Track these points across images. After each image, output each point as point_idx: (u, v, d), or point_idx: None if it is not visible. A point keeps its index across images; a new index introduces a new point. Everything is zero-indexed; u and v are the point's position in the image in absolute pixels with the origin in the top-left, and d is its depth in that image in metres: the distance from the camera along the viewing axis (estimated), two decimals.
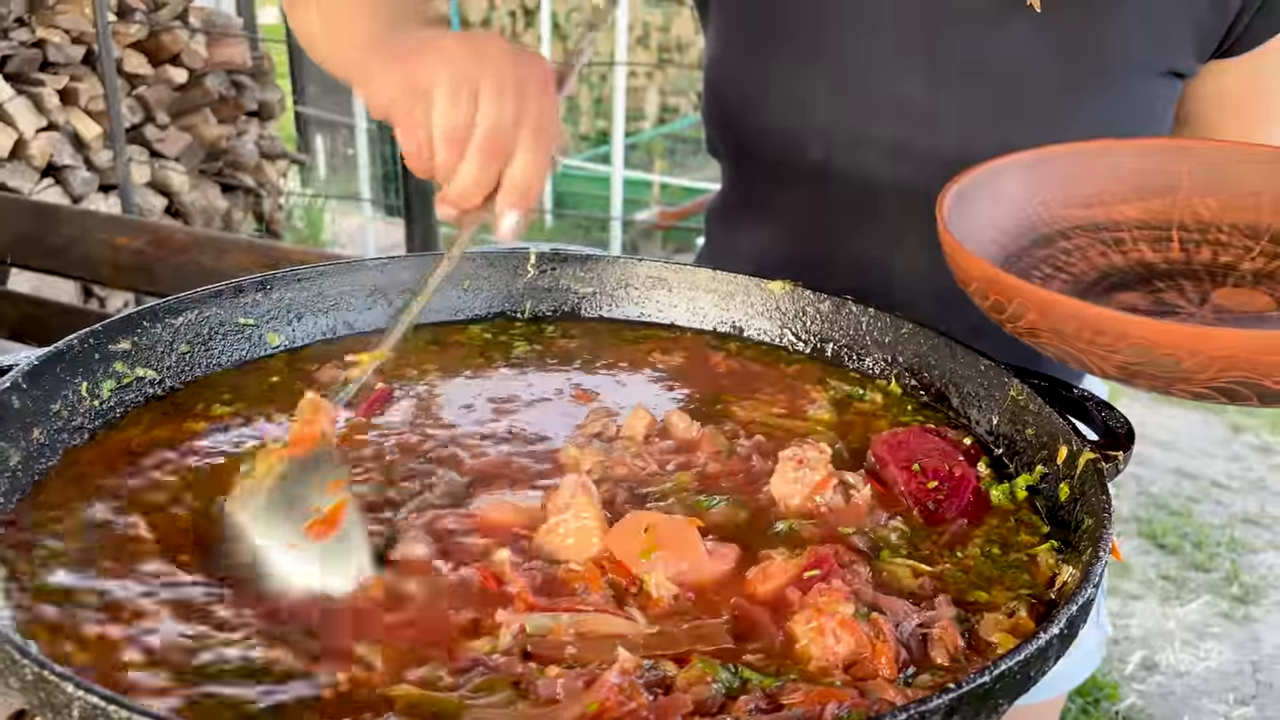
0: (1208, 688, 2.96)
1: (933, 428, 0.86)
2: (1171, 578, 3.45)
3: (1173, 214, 0.96)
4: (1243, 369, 0.69)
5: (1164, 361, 0.71)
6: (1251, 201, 0.93)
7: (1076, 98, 1.04)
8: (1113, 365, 0.74)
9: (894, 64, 1.06)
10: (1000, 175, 0.94)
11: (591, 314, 1.16)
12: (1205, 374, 0.70)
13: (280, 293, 1.04)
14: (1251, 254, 0.93)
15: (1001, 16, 1.02)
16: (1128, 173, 0.97)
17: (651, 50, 8.99)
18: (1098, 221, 0.97)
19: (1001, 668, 0.55)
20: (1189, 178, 0.96)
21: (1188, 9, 1.02)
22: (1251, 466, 4.19)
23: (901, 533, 0.77)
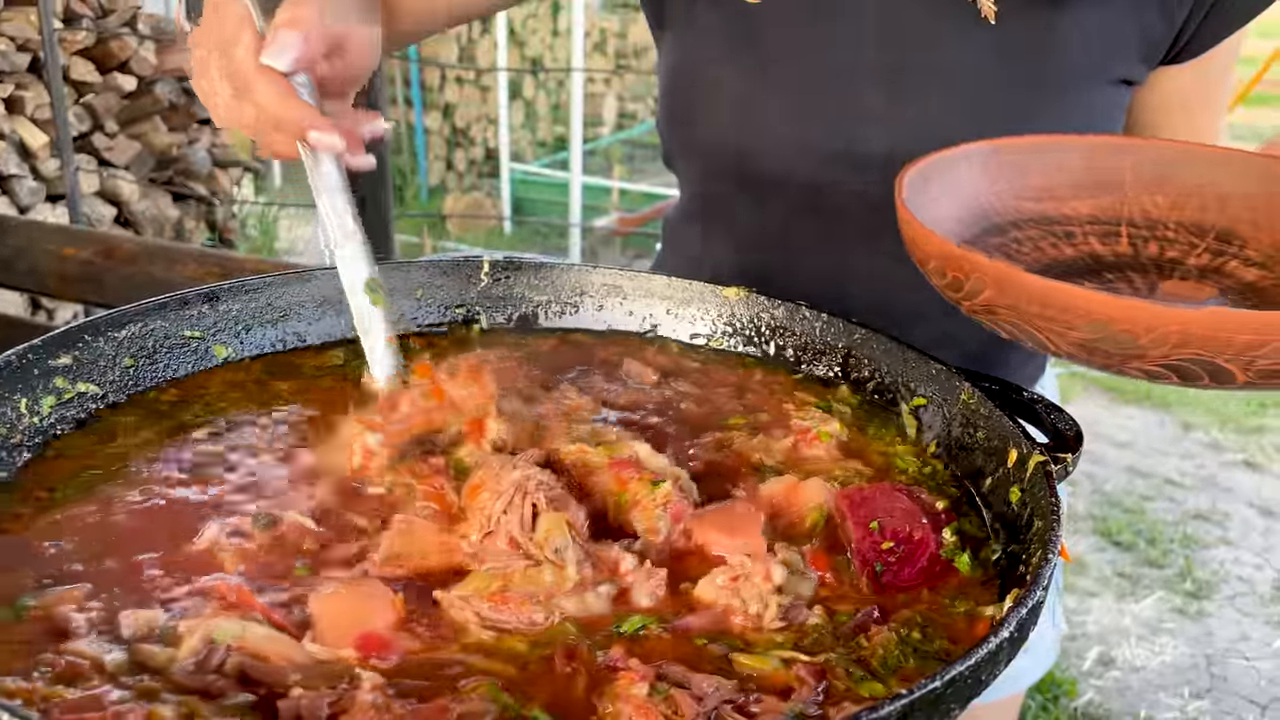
0: (1163, 682, 3.00)
1: (904, 487, 0.83)
2: (1126, 574, 3.50)
3: (1122, 210, 0.98)
4: (1196, 345, 0.70)
5: (1121, 338, 0.71)
6: (1196, 200, 0.96)
7: (1030, 106, 1.06)
8: (1069, 342, 0.74)
9: (850, 74, 1.07)
10: (955, 164, 0.95)
11: (548, 322, 1.16)
12: (1160, 350, 0.71)
13: (228, 304, 1.03)
14: (1197, 250, 0.95)
15: (957, 27, 1.04)
16: (1075, 168, 0.99)
17: (609, 56, 9.00)
18: (1049, 215, 0.99)
19: (952, 672, 0.55)
20: (1132, 174, 0.98)
21: (1135, 19, 1.04)
22: (1203, 464, 4.27)
23: (814, 627, 0.70)
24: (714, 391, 1.03)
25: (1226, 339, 0.69)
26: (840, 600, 0.74)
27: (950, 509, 0.82)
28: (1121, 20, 1.04)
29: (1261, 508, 3.94)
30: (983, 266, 0.75)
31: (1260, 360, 0.69)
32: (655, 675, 0.62)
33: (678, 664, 0.65)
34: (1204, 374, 0.72)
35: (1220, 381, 0.73)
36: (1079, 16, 1.03)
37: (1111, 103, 1.09)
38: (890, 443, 0.95)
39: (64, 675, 0.60)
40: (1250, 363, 0.70)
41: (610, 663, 0.64)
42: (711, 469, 0.89)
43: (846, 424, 0.96)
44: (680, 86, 1.17)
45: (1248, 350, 0.69)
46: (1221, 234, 0.95)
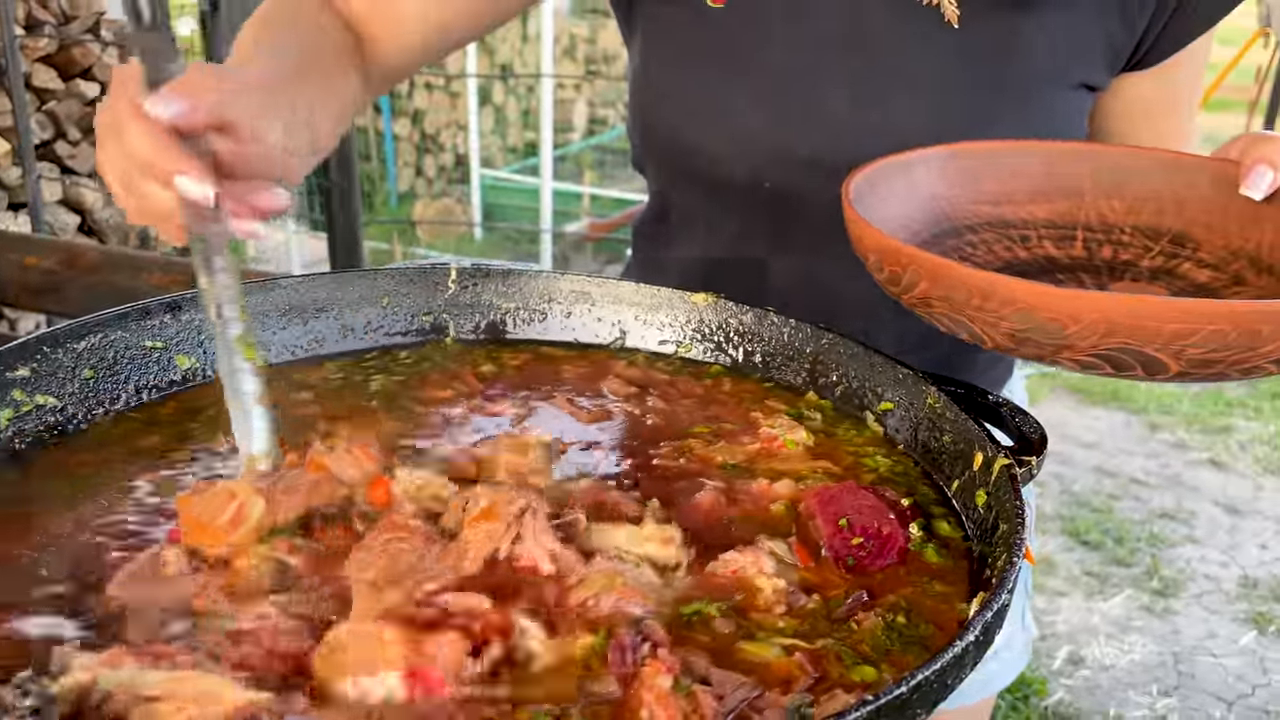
0: (1132, 680, 3.04)
1: (869, 485, 0.85)
2: (1095, 573, 3.54)
3: (1079, 215, 0.99)
4: (1123, 334, 0.70)
5: (1049, 327, 0.72)
6: (1153, 205, 0.97)
7: (992, 109, 1.06)
8: (1001, 333, 0.75)
9: (816, 79, 1.08)
10: (910, 168, 0.96)
11: (516, 330, 1.15)
12: (1088, 340, 0.71)
13: (190, 314, 1.01)
14: (1151, 253, 0.96)
15: (920, 31, 1.04)
16: (1034, 174, 1.00)
17: (579, 62, 9.00)
18: (1006, 219, 1.00)
19: (918, 678, 0.55)
20: (1091, 180, 0.99)
21: (1098, 26, 1.05)
22: (1168, 463, 4.32)
23: (810, 610, 0.73)
24: (680, 402, 1.03)
25: (1155, 328, 0.69)
26: (827, 587, 0.76)
27: (915, 505, 0.85)
28: (1084, 26, 1.05)
29: (1227, 506, 4.00)
30: (917, 259, 0.76)
31: (1191, 349, 0.70)
32: (681, 667, 0.63)
33: (705, 655, 0.66)
34: (1136, 364, 0.72)
35: (1153, 372, 0.73)
36: (1042, 21, 1.04)
37: (1074, 107, 1.10)
38: (860, 444, 0.96)
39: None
40: (1180, 351, 0.70)
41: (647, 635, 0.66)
42: (676, 474, 0.89)
43: (816, 430, 0.97)
44: (649, 90, 1.18)
45: (1176, 339, 0.69)
46: (1176, 237, 0.96)
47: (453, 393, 1.02)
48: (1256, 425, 4.67)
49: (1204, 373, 0.72)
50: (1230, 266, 0.92)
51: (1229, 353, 0.70)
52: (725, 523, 0.82)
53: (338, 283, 1.11)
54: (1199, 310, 0.68)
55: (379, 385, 1.03)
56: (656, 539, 0.75)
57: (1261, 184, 0.88)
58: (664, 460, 0.91)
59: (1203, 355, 0.70)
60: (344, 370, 1.06)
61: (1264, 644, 3.20)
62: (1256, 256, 0.90)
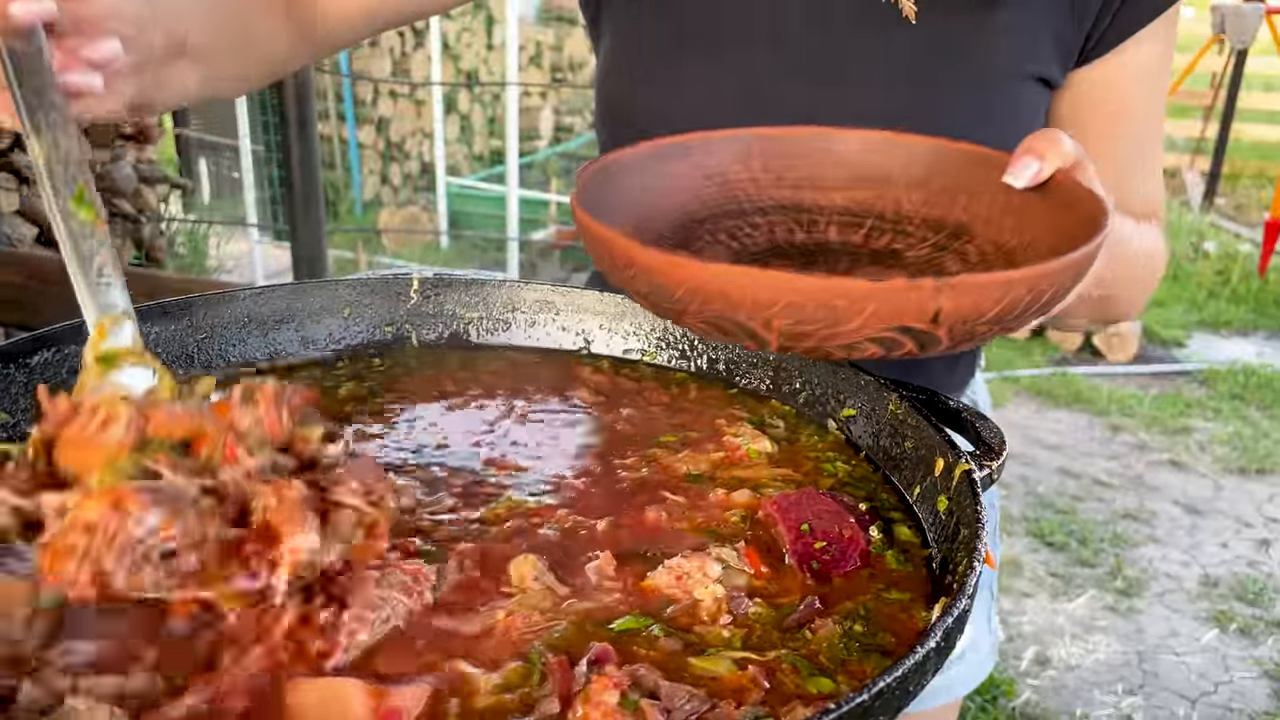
0: (1098, 679, 3.07)
1: (827, 491, 0.86)
2: (1060, 574, 3.58)
3: (877, 204, 0.98)
4: (719, 303, 0.71)
5: (662, 290, 0.73)
6: (949, 197, 0.95)
7: (951, 101, 1.08)
8: (698, 320, 0.75)
9: (780, 73, 1.09)
10: (712, 146, 0.97)
11: (479, 339, 1.15)
12: (694, 306, 0.72)
13: (146, 326, 1.00)
14: (925, 244, 0.95)
15: (878, 26, 1.06)
16: (846, 161, 0.99)
17: (544, 70, 8.99)
18: (803, 203, 0.99)
19: (880, 685, 0.55)
20: (902, 169, 0.98)
21: (1048, 22, 1.08)
22: (1130, 464, 4.38)
23: (755, 616, 0.73)
24: (647, 410, 1.03)
25: (740, 296, 0.69)
26: (780, 595, 0.76)
27: (873, 509, 0.85)
28: (1037, 22, 1.07)
29: (1187, 506, 4.06)
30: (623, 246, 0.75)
31: (776, 319, 0.70)
32: (629, 682, 0.62)
33: (655, 669, 0.65)
34: (741, 334, 0.73)
35: (760, 344, 0.73)
36: (997, 17, 1.06)
37: (1029, 101, 1.11)
38: (821, 450, 0.97)
39: None
40: (769, 322, 0.70)
41: (596, 657, 0.65)
42: (638, 484, 0.89)
43: (778, 438, 0.97)
44: (614, 88, 1.19)
45: (760, 309, 0.69)
46: (956, 230, 0.95)
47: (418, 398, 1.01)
48: (1215, 426, 4.75)
49: (803, 345, 0.72)
50: (985, 262, 0.91)
51: (815, 326, 0.70)
52: (676, 532, 0.82)
53: (300, 292, 1.10)
54: (777, 282, 0.68)
55: (348, 391, 1.03)
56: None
57: (1025, 174, 0.86)
58: (626, 469, 0.91)
59: (790, 327, 0.70)
60: (312, 378, 1.05)
61: (1225, 642, 3.25)
62: (1013, 253, 0.89)
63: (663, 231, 0.95)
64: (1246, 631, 3.29)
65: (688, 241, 0.95)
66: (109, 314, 0.73)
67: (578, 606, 0.72)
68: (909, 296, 0.68)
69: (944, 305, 0.68)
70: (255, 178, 5.77)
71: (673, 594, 0.74)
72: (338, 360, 1.10)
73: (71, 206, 0.74)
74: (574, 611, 0.72)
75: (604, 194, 0.90)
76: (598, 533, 0.81)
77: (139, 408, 0.66)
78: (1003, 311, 0.71)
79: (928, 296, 0.67)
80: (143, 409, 0.66)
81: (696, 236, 0.96)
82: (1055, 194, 0.86)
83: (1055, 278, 0.72)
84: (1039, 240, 0.86)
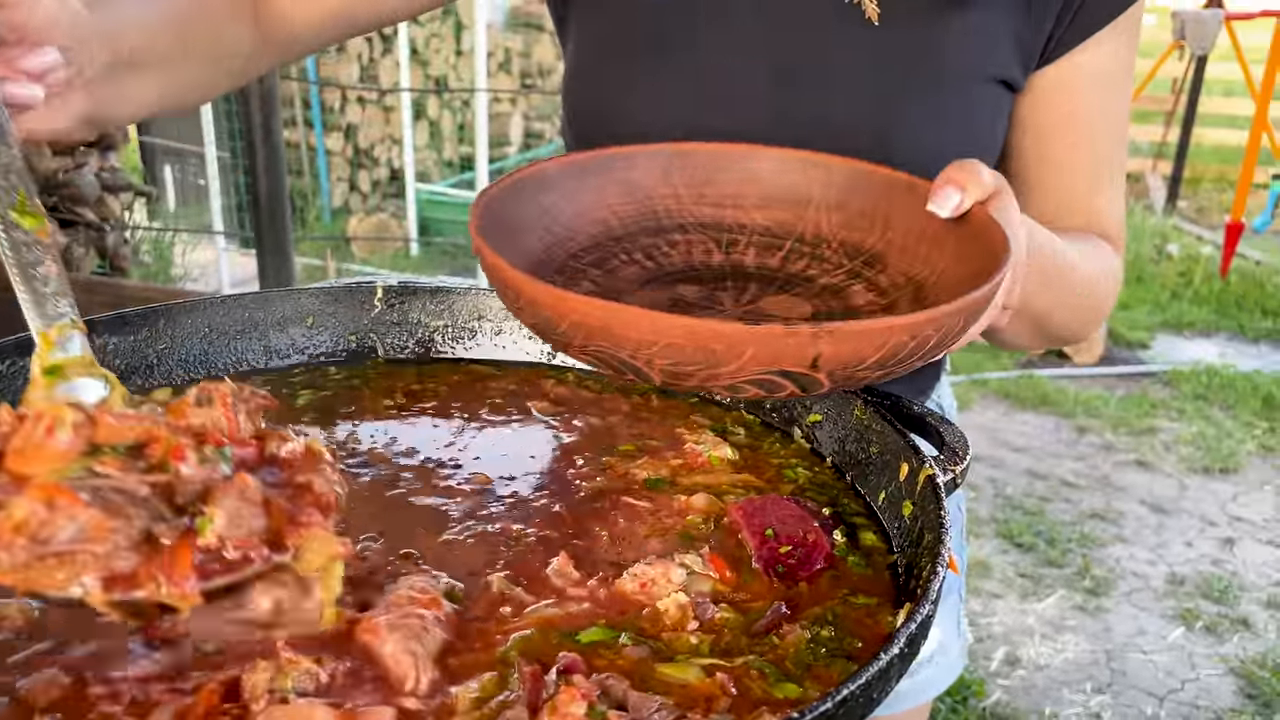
0: (1067, 678, 3.10)
1: (790, 497, 0.86)
2: (1029, 575, 3.61)
3: (797, 225, 0.97)
4: (600, 338, 0.70)
5: (543, 320, 0.73)
6: (867, 222, 0.94)
7: (910, 103, 1.09)
8: (583, 354, 0.74)
9: (743, 75, 1.09)
10: (634, 161, 0.96)
11: (445, 348, 1.14)
12: (577, 340, 0.72)
13: (105, 338, 0.99)
14: (839, 270, 0.94)
15: (842, 28, 1.07)
16: (767, 179, 0.98)
17: (514, 76, 8.97)
18: (724, 222, 0.98)
19: (843, 693, 0.55)
20: (821, 190, 0.97)
21: (1008, 24, 1.08)
22: (1096, 465, 4.43)
23: (723, 622, 0.72)
24: (606, 420, 1.02)
25: (623, 334, 0.69)
26: (747, 600, 0.76)
27: (836, 514, 0.85)
28: (998, 23, 1.08)
29: (1153, 505, 4.11)
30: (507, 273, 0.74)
31: (658, 359, 0.70)
32: (598, 692, 0.62)
33: (624, 678, 0.65)
34: (624, 370, 0.73)
35: (645, 380, 0.73)
36: (959, 19, 1.06)
37: (991, 104, 1.12)
38: (786, 456, 0.97)
39: None
40: (650, 361, 0.70)
41: (565, 666, 0.65)
42: (595, 493, 0.89)
43: (740, 445, 0.97)
44: (579, 92, 1.18)
45: (642, 347, 0.69)
46: (871, 257, 0.94)
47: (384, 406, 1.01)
48: (1179, 426, 4.81)
49: (686, 385, 0.72)
50: (893, 294, 0.89)
51: (695, 367, 0.70)
52: (638, 539, 0.82)
53: (264, 301, 1.09)
54: (658, 323, 0.68)
55: (307, 400, 1.02)
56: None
57: (947, 204, 0.85)
58: (583, 479, 0.91)
59: (671, 367, 0.70)
60: (270, 384, 1.04)
61: (1192, 640, 3.29)
62: (922, 286, 0.88)
63: (579, 249, 0.94)
64: (1212, 629, 3.34)
65: (604, 260, 0.94)
66: (56, 324, 0.71)
67: (544, 615, 0.72)
68: (787, 342, 0.67)
69: (823, 351, 0.68)
70: (221, 185, 5.72)
71: (638, 600, 0.74)
72: (297, 370, 1.09)
73: (14, 216, 0.72)
74: (540, 620, 0.71)
75: (517, 210, 0.89)
76: (556, 542, 0.81)
77: (87, 414, 0.64)
78: (885, 357, 0.70)
79: (806, 343, 0.67)
80: (91, 415, 0.64)
81: (613, 255, 0.95)
82: (968, 226, 0.85)
83: (940, 323, 0.71)
84: (948, 273, 0.85)
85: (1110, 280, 1.15)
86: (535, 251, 0.91)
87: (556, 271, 0.92)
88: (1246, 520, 4.03)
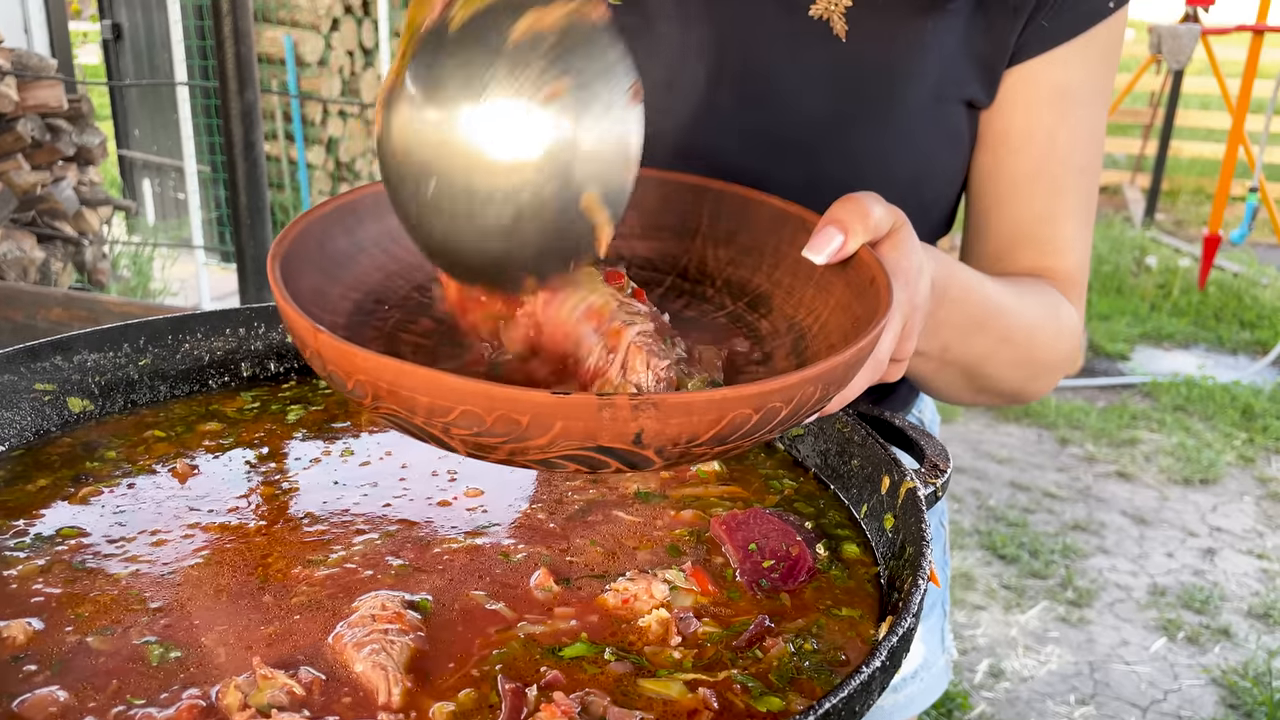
0: (1050, 690, 3.10)
1: (773, 511, 0.86)
2: (1012, 586, 3.62)
3: (681, 259, 0.89)
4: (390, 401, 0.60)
5: (334, 379, 0.63)
6: (754, 258, 0.86)
7: (873, 120, 1.07)
8: (379, 416, 0.64)
9: (708, 88, 1.08)
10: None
11: None
12: (367, 400, 0.62)
13: (84, 354, 0.98)
14: (720, 312, 0.85)
15: (809, 43, 1.06)
16: (652, 207, 0.90)
17: None
18: (617, 252, 0.89)
19: (826, 706, 0.55)
20: (709, 221, 0.89)
21: (970, 43, 1.07)
22: (1078, 476, 4.45)
23: (706, 636, 0.72)
24: None
25: (411, 398, 0.59)
26: (731, 614, 0.75)
27: (819, 528, 0.86)
28: (960, 42, 1.07)
29: (1135, 516, 4.13)
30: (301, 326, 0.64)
31: (455, 427, 0.59)
32: (577, 709, 0.62)
33: (605, 694, 0.65)
34: (426, 438, 0.63)
35: (449, 449, 0.63)
36: (924, 38, 1.05)
37: (955, 123, 1.09)
38: (772, 468, 0.97)
39: None
40: (448, 429, 0.60)
41: (547, 682, 0.64)
42: (587, 505, 0.89)
43: (728, 459, 0.97)
44: None
45: (435, 414, 0.59)
46: (755, 299, 0.85)
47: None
48: (1160, 437, 4.84)
49: (492, 458, 0.62)
50: (771, 343, 0.81)
51: (498, 439, 0.59)
52: (625, 551, 0.82)
53: (247, 317, 1.09)
54: (449, 386, 0.58)
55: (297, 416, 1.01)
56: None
57: (825, 248, 0.76)
58: (575, 491, 0.91)
59: (471, 438, 0.60)
60: (260, 400, 1.04)
61: (1174, 650, 3.30)
62: (803, 336, 0.79)
63: (427, 279, 0.82)
64: (1194, 640, 3.35)
65: None
66: None
67: (528, 630, 0.72)
68: (602, 416, 0.57)
69: (646, 427, 0.58)
70: (201, 198, 5.69)
71: (620, 615, 0.74)
72: (286, 387, 1.08)
73: None
74: (523, 635, 0.71)
75: (357, 230, 0.80)
76: (544, 556, 0.80)
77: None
78: (723, 432, 0.60)
79: (625, 416, 0.57)
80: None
81: None
82: (853, 272, 0.76)
83: (789, 393, 0.61)
84: (829, 323, 0.77)
85: (1057, 328, 1.05)
86: (369, 281, 0.80)
87: (394, 305, 0.81)
88: (1227, 531, 4.05)
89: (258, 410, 1.02)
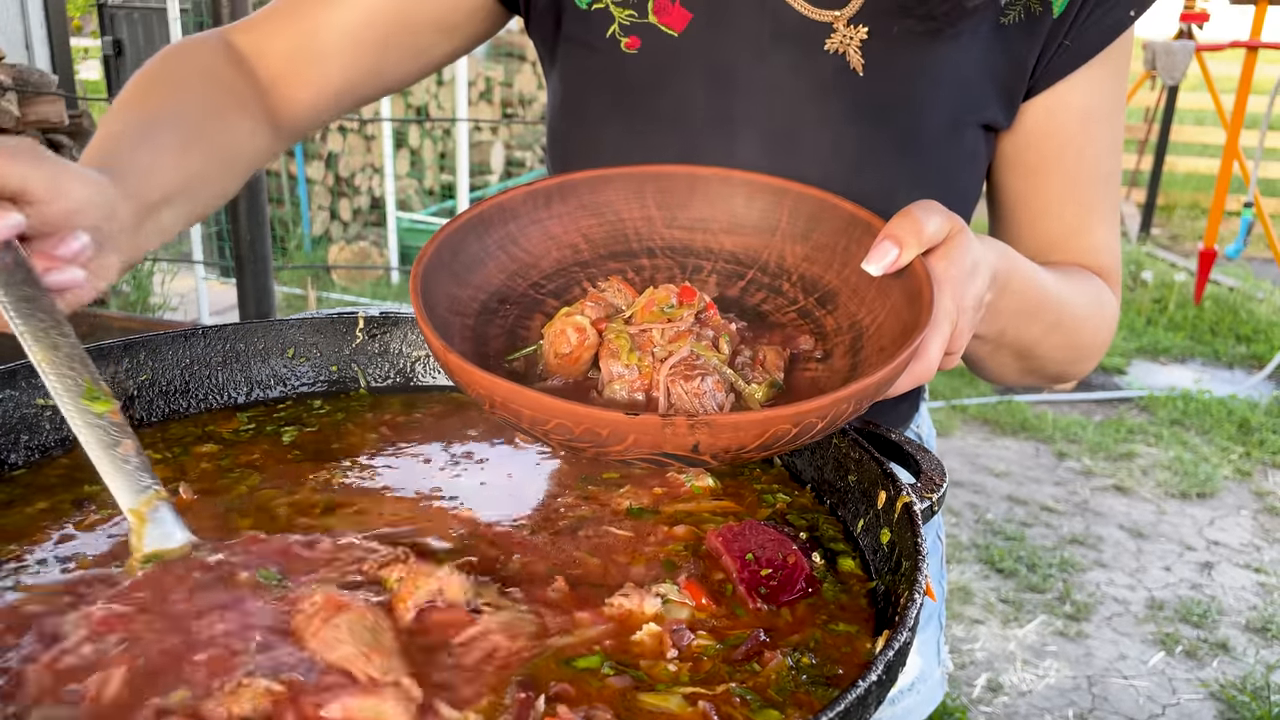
0: (1048, 704, 3.10)
1: (768, 522, 0.86)
2: (1010, 600, 3.62)
3: (762, 254, 0.97)
4: (502, 411, 0.75)
5: (467, 391, 0.78)
6: (826, 256, 0.93)
7: (895, 150, 1.09)
8: (495, 417, 0.79)
9: (727, 125, 1.09)
10: (609, 182, 0.98)
11: (426, 378, 1.14)
12: (487, 409, 0.77)
13: None
14: (793, 306, 0.93)
15: (827, 79, 1.07)
16: (736, 205, 0.98)
17: (495, 105, 9.02)
18: (693, 246, 0.99)
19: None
20: (787, 219, 0.96)
21: (989, 67, 1.08)
22: (1076, 490, 4.46)
23: (703, 650, 0.72)
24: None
25: (517, 409, 0.74)
26: (727, 627, 0.76)
27: (814, 538, 0.86)
28: (977, 70, 1.08)
29: (1132, 530, 4.13)
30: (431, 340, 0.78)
31: (553, 435, 0.74)
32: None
33: (608, 709, 0.65)
34: (531, 437, 0.79)
35: (544, 444, 0.79)
36: (941, 66, 1.06)
37: (974, 148, 1.11)
38: (766, 482, 0.97)
39: None
40: (546, 435, 0.75)
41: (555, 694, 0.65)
42: (579, 521, 0.89)
43: (722, 474, 0.98)
44: (563, 134, 1.19)
45: (536, 424, 0.74)
46: (825, 295, 0.92)
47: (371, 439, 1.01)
48: (1157, 451, 4.85)
49: (584, 455, 0.77)
50: (833, 339, 0.89)
51: (586, 444, 0.74)
52: (619, 567, 0.82)
53: (241, 334, 1.09)
54: (545, 405, 0.72)
55: (291, 438, 1.01)
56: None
57: (882, 261, 0.83)
58: (567, 508, 0.91)
59: (565, 441, 0.75)
60: (255, 421, 1.04)
61: (1172, 664, 3.30)
62: (861, 335, 0.87)
63: (542, 276, 0.95)
64: (1192, 654, 3.35)
65: (567, 287, 0.95)
66: (142, 498, 0.76)
67: (538, 643, 0.72)
68: (665, 432, 0.71)
69: (701, 440, 0.72)
70: None
71: (616, 630, 0.74)
72: (281, 406, 1.08)
73: (84, 403, 0.76)
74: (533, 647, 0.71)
75: (481, 241, 0.92)
76: (540, 572, 0.81)
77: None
78: (767, 442, 0.73)
79: (684, 433, 0.71)
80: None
81: (576, 282, 0.95)
82: (908, 280, 0.84)
83: (825, 411, 0.72)
84: (884, 326, 0.85)
85: (1102, 317, 1.13)
86: (494, 282, 0.93)
87: (513, 303, 0.93)
88: (1224, 544, 4.06)
89: (253, 431, 1.02)
